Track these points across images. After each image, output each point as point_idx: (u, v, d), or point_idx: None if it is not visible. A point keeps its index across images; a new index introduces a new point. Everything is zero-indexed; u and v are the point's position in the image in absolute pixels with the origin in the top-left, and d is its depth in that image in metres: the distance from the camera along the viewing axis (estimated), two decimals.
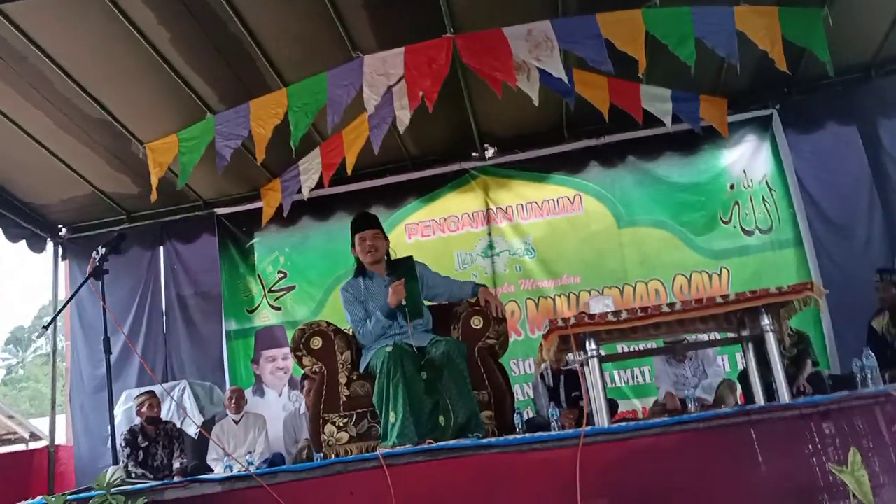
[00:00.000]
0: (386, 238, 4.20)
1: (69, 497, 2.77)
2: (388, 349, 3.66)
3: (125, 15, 4.71)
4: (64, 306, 5.03)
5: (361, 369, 4.05)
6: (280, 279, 7.29)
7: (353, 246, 4.15)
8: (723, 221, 6.69)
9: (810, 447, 2.64)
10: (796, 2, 4.95)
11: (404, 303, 3.90)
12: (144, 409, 5.76)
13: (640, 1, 4.84)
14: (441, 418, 3.61)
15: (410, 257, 4.14)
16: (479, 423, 3.67)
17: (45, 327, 4.74)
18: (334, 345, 4.23)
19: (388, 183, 7.18)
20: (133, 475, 5.03)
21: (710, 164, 6.80)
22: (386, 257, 4.18)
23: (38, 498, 2.98)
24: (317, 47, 5.21)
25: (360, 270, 4.18)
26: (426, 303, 4.14)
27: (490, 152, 7.09)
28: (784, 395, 3.16)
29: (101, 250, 3.79)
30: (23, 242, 6.94)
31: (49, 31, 4.84)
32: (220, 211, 7.33)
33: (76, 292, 4.34)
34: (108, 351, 3.73)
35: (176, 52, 5.12)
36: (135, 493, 2.76)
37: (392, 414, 3.55)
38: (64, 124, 5.71)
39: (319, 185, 6.13)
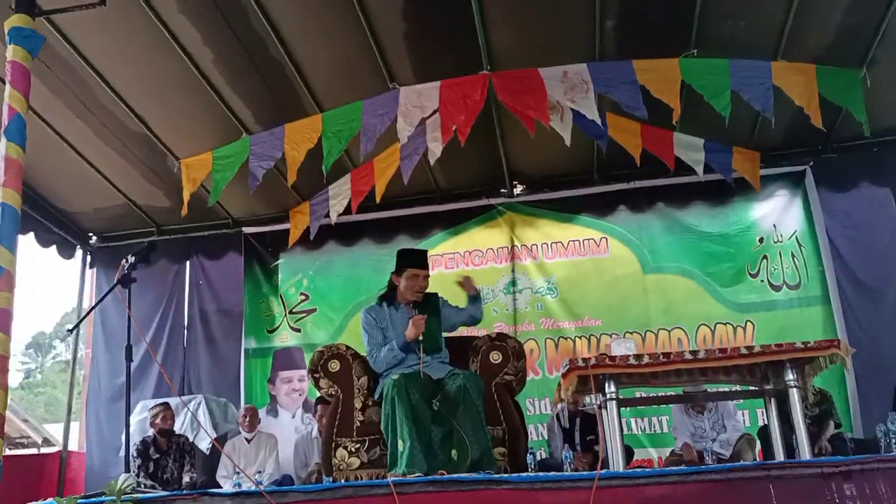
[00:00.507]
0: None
1: (80, 501, 2.77)
2: (395, 377, 3.67)
3: (171, 33, 4.83)
4: (91, 310, 5.08)
5: (376, 396, 4.04)
6: (302, 301, 7.32)
7: (398, 274, 4.14)
8: (750, 275, 6.62)
9: None
10: (834, 61, 4.96)
11: (421, 338, 3.91)
12: (158, 420, 5.77)
13: (678, 49, 4.88)
14: (454, 452, 3.59)
15: (435, 294, 4.17)
16: (491, 459, 3.64)
17: (70, 330, 4.82)
18: (352, 369, 4.25)
19: (415, 213, 7.21)
20: (143, 486, 5.03)
21: (741, 217, 6.75)
22: None
23: (50, 499, 3.00)
24: (355, 76, 5.29)
25: (389, 298, 4.18)
26: (445, 335, 4.15)
27: (518, 189, 7.11)
28: (805, 453, 3.10)
29: (131, 258, 3.85)
30: (53, 248, 7.04)
31: (96, 44, 4.96)
32: (247, 230, 7.40)
33: (103, 297, 4.40)
34: (129, 358, 3.77)
35: (217, 72, 5.23)
36: (144, 501, 2.77)
37: (400, 442, 3.54)
38: (103, 135, 5.83)
39: (347, 210, 6.19)
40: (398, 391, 3.61)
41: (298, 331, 7.26)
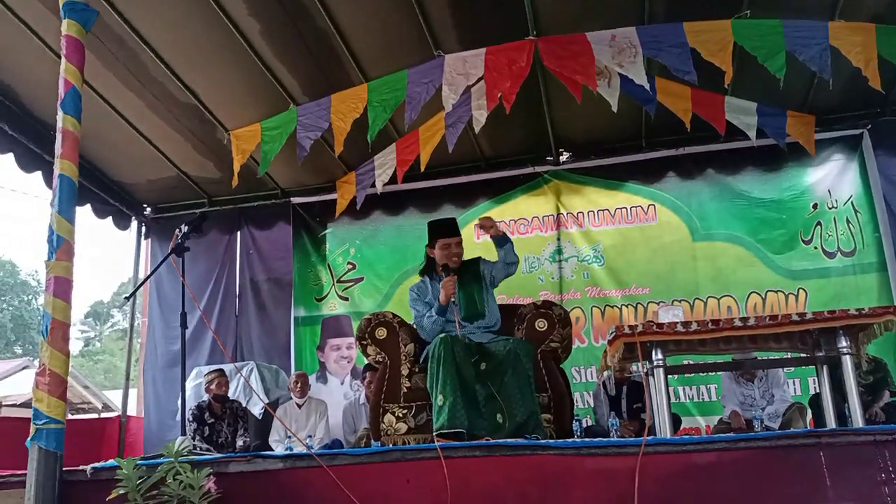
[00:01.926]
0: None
1: (140, 462, 2.89)
2: (441, 336, 3.71)
3: (219, 4, 4.87)
4: (146, 279, 5.24)
5: (421, 361, 4.09)
6: (349, 270, 7.42)
7: (431, 247, 4.18)
8: (803, 241, 6.48)
9: (882, 475, 2.54)
10: (894, 19, 4.76)
11: (455, 300, 3.95)
12: (213, 386, 5.94)
13: (730, 10, 4.74)
14: (499, 416, 3.63)
15: (477, 259, 4.19)
16: (538, 424, 3.67)
17: (128, 298, 4.99)
18: (398, 336, 4.31)
19: (460, 182, 7.21)
20: (198, 448, 5.20)
21: (794, 182, 6.59)
22: None
23: (111, 460, 3.13)
24: (400, 45, 5.27)
25: (428, 271, 4.23)
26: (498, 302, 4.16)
27: (564, 157, 7.05)
28: (858, 421, 3.05)
29: (184, 228, 3.94)
30: (109, 219, 7.25)
31: (147, 17, 5.04)
32: (295, 200, 7.50)
33: (159, 265, 4.53)
34: (184, 325, 3.88)
35: (265, 43, 5.27)
36: (201, 463, 2.87)
37: (441, 397, 3.58)
38: (155, 107, 5.94)
39: (393, 180, 6.22)
40: (444, 348, 3.65)
41: (346, 299, 7.37)
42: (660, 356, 3.22)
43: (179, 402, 6.70)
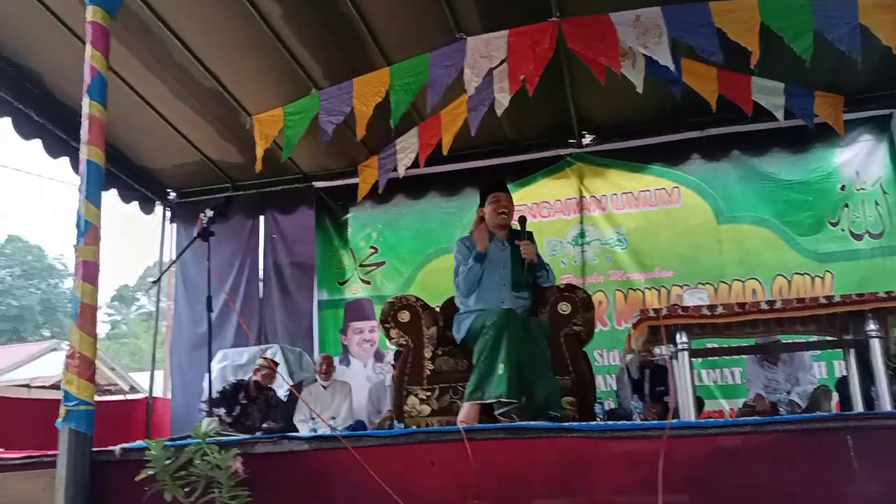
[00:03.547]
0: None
1: (167, 443, 2.93)
2: (503, 309, 3.71)
3: None
4: (173, 262, 5.31)
5: (456, 335, 4.09)
6: (371, 254, 7.45)
7: (481, 206, 4.23)
8: (830, 223, 6.39)
9: None
10: None
11: (505, 266, 4.02)
12: (260, 374, 6.00)
13: None
14: (522, 398, 3.64)
15: (531, 234, 4.20)
16: (558, 402, 3.69)
17: (155, 282, 5.05)
18: (421, 319, 4.33)
19: (482, 165, 7.17)
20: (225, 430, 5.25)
21: (821, 164, 6.50)
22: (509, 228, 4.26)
23: (139, 441, 3.18)
24: (422, 28, 5.25)
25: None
26: None
27: (587, 139, 6.99)
28: (886, 405, 3.01)
29: (209, 213, 3.98)
30: (134, 204, 7.33)
31: (170, 2, 5.07)
32: (318, 184, 7.53)
33: (185, 249, 4.58)
34: (209, 309, 3.93)
35: (287, 27, 5.27)
36: (228, 444, 2.90)
37: (501, 366, 3.55)
38: (179, 93, 5.98)
39: (415, 164, 6.21)
40: (506, 322, 3.65)
41: (368, 283, 7.41)
42: (685, 339, 3.20)
43: (204, 382, 6.84)
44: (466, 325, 3.97)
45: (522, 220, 4.19)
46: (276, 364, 6.21)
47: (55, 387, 22.19)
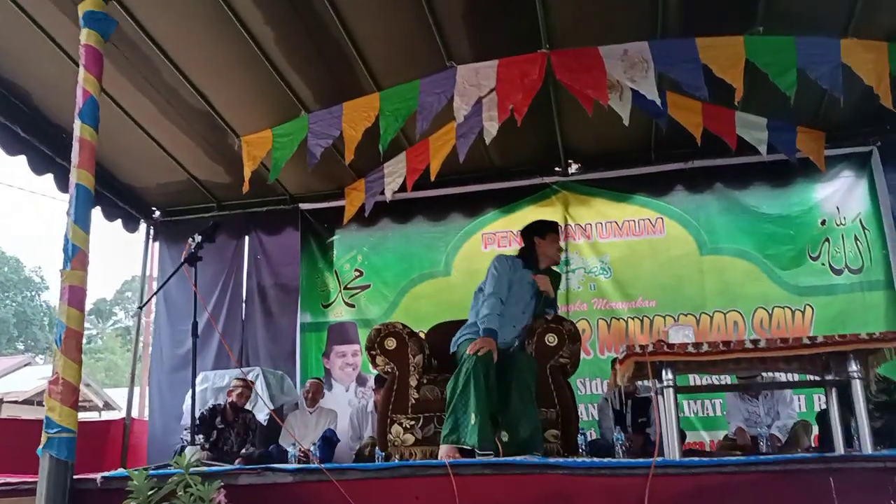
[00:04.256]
0: None
1: (150, 472, 2.89)
2: (480, 354, 3.69)
3: (234, 12, 4.88)
4: (159, 289, 5.25)
5: (454, 343, 4.10)
6: (356, 277, 7.43)
7: (541, 237, 4.30)
8: (811, 257, 6.48)
9: (892, 502, 2.55)
10: None
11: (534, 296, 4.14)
12: (235, 395, 5.94)
13: (743, 26, 4.75)
14: (504, 434, 3.64)
15: (559, 275, 4.37)
16: (541, 440, 3.69)
17: (141, 307, 5.01)
18: (408, 347, 4.33)
19: (468, 191, 7.21)
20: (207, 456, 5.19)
21: (803, 198, 6.60)
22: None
23: (121, 469, 3.14)
24: (413, 55, 5.28)
25: (525, 258, 4.27)
26: None
27: (573, 168, 7.05)
28: (867, 444, 3.05)
29: (197, 238, 3.96)
30: (118, 222, 7.27)
31: (162, 23, 5.05)
32: (304, 206, 7.50)
33: (171, 276, 4.54)
34: (195, 335, 3.89)
35: (279, 51, 5.27)
36: (212, 475, 2.87)
37: (473, 415, 3.56)
38: (167, 112, 5.95)
39: (402, 188, 6.24)
40: (484, 367, 3.66)
41: (353, 306, 7.38)
42: (670, 376, 3.22)
43: (184, 406, 6.76)
44: (463, 344, 3.95)
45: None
46: (252, 382, 6.14)
47: (28, 402, 21.85)
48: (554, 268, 4.43)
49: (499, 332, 3.89)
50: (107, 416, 21.67)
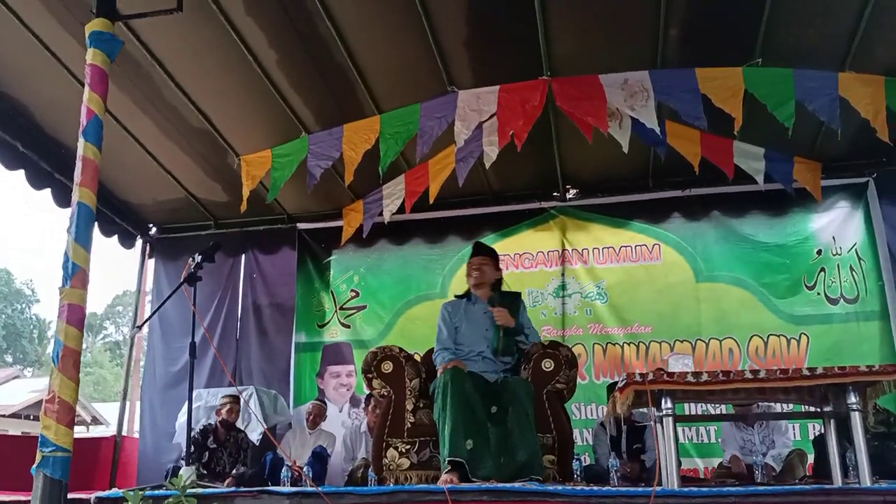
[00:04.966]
0: (497, 269, 4.41)
1: (145, 493, 2.87)
2: (449, 368, 3.78)
3: (238, 34, 4.92)
4: (158, 308, 5.21)
5: (430, 392, 4.09)
6: (352, 298, 7.41)
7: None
8: (807, 287, 6.50)
9: None
10: None
11: (488, 330, 4.09)
12: (224, 411, 5.90)
13: (742, 58, 4.81)
14: (503, 458, 3.63)
15: (518, 294, 4.26)
16: (540, 465, 3.67)
17: (139, 327, 4.98)
18: (404, 371, 4.31)
19: (466, 214, 7.22)
20: (201, 476, 5.14)
21: (799, 228, 6.63)
22: (495, 287, 4.35)
23: (115, 490, 3.11)
24: (415, 79, 5.32)
25: (466, 293, 4.37)
26: None
27: (571, 193, 7.08)
28: (865, 476, 3.04)
29: (197, 258, 3.95)
30: (115, 238, 7.26)
31: (166, 44, 5.09)
32: (301, 226, 7.50)
33: (170, 295, 4.52)
34: (192, 355, 3.87)
35: (281, 73, 5.31)
36: (207, 497, 2.85)
37: (446, 428, 3.63)
38: (167, 131, 5.97)
39: (400, 210, 6.26)
40: (453, 380, 3.71)
41: (348, 327, 7.35)
42: (669, 405, 3.22)
43: (176, 423, 6.70)
44: (433, 385, 4.01)
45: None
46: (238, 397, 6.09)
47: (16, 416, 21.65)
48: (511, 289, 4.48)
49: (474, 366, 4.01)
50: (94, 431, 21.52)
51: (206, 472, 5.59)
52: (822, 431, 5.10)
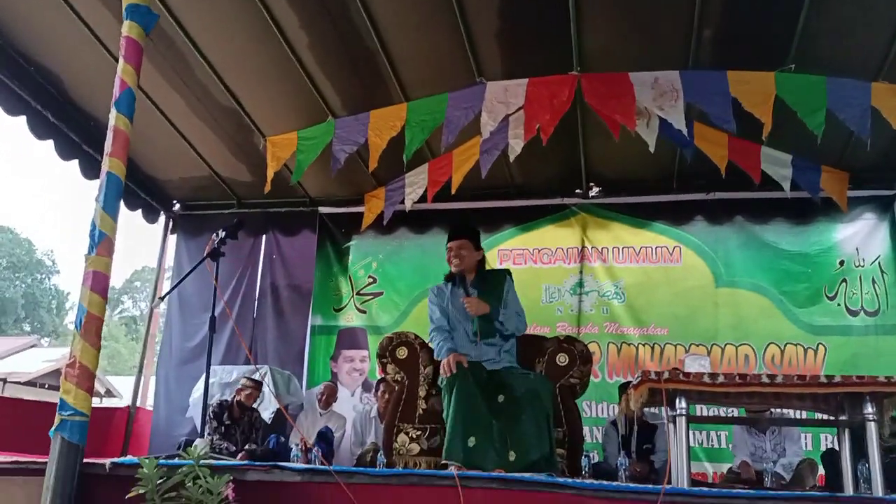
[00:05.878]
0: (477, 249, 4.29)
1: (160, 462, 2.90)
2: (453, 377, 3.76)
3: (271, 15, 4.95)
4: (181, 280, 5.24)
5: (439, 382, 4.10)
6: (369, 284, 7.44)
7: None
8: (827, 297, 6.45)
9: None
10: None
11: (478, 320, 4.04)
12: (244, 394, 5.96)
13: (775, 63, 4.77)
14: (512, 454, 3.61)
15: (505, 272, 4.22)
16: (555, 463, 3.66)
17: (161, 298, 5.03)
18: (419, 357, 4.34)
19: (487, 207, 7.21)
20: (217, 449, 5.20)
21: (823, 237, 6.58)
22: (480, 268, 4.28)
23: (129, 457, 3.15)
24: (444, 69, 5.32)
25: (451, 275, 4.30)
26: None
27: (594, 191, 7.06)
28: (878, 489, 3.03)
29: (221, 233, 3.98)
30: (139, 212, 7.34)
31: (198, 20, 5.12)
32: (323, 210, 7.53)
33: (193, 269, 4.55)
34: (212, 329, 3.91)
35: (312, 56, 5.33)
36: (221, 468, 2.88)
37: (448, 429, 3.65)
38: (196, 109, 6.02)
39: (422, 199, 6.26)
40: (459, 378, 3.72)
41: (364, 312, 7.39)
42: (683, 405, 3.21)
43: (190, 398, 6.78)
44: (441, 377, 4.00)
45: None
46: (260, 384, 6.16)
47: (31, 384, 21.97)
48: (497, 266, 4.40)
49: (471, 351, 3.99)
50: (108, 402, 21.79)
51: (222, 443, 5.65)
52: (833, 446, 5.09)
